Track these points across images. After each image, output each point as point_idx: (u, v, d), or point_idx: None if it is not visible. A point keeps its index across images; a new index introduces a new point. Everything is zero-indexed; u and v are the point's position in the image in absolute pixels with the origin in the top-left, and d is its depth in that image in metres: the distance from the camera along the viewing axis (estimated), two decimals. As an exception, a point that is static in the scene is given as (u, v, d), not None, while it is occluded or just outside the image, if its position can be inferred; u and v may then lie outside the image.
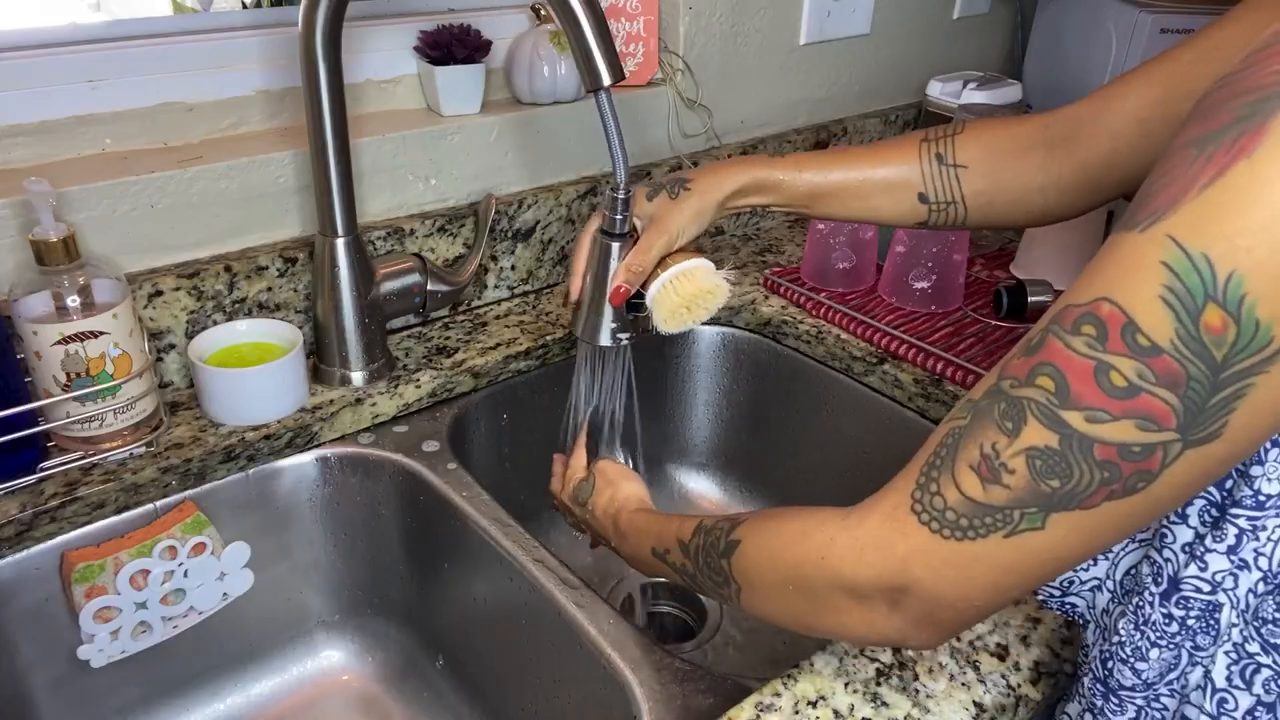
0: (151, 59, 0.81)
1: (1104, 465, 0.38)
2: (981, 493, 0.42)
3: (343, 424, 0.83)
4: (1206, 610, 0.47)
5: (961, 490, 0.42)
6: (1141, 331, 0.36)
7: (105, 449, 0.73)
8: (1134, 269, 0.37)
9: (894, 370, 0.92)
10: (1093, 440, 0.38)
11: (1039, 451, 0.40)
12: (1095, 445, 0.38)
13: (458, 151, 0.95)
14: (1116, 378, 0.37)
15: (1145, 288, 0.36)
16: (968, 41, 1.43)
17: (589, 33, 0.65)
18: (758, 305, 1.04)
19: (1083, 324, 0.38)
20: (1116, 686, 0.51)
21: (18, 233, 0.73)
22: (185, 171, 0.80)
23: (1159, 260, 0.36)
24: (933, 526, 0.43)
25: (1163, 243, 0.36)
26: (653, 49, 1.07)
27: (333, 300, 0.83)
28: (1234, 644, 0.47)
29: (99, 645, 0.72)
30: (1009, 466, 0.41)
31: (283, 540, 0.83)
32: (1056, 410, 0.39)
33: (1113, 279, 0.38)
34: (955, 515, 0.43)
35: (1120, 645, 0.51)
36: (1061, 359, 0.39)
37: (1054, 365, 0.39)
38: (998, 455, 0.41)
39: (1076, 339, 0.38)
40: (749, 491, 1.11)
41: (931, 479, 0.44)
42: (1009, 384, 0.41)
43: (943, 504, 0.43)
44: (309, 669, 0.88)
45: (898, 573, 0.45)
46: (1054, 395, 0.39)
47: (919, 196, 0.72)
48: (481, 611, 0.79)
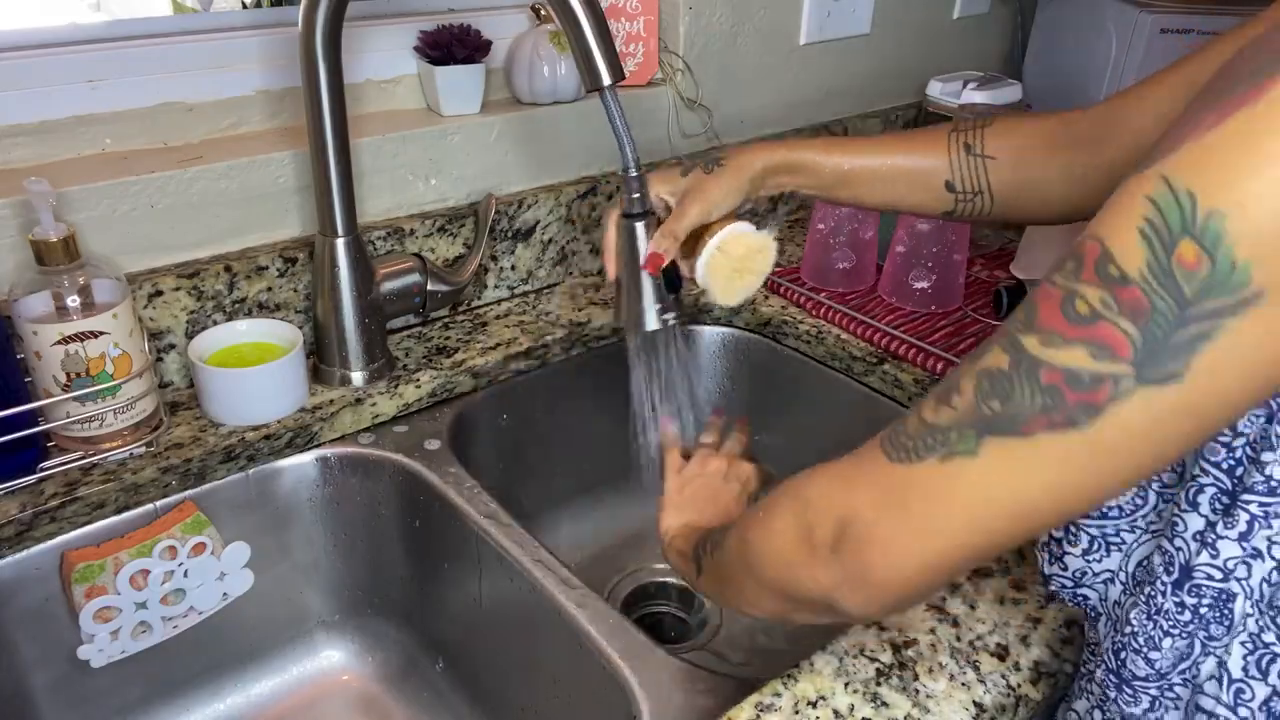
0: (151, 59, 0.81)
1: (1047, 390, 0.37)
2: (932, 413, 0.41)
3: (343, 424, 0.83)
4: (1219, 599, 0.47)
5: (920, 414, 0.42)
6: (1114, 262, 0.36)
7: (105, 449, 0.73)
8: (1121, 204, 0.37)
9: (894, 370, 0.92)
10: (1041, 363, 0.37)
11: (988, 372, 0.39)
12: (1042, 369, 0.37)
13: (458, 151, 0.95)
14: (1081, 305, 0.37)
15: (1126, 221, 0.36)
16: (968, 41, 1.43)
17: (589, 33, 0.65)
18: (758, 305, 1.04)
19: (1068, 259, 0.38)
20: (1130, 677, 0.51)
21: (18, 233, 0.73)
22: (185, 171, 0.80)
23: (1144, 195, 0.36)
24: (885, 449, 0.43)
25: (1153, 180, 0.36)
26: (653, 49, 1.07)
27: (333, 300, 0.83)
28: (1250, 634, 0.47)
29: (99, 645, 0.72)
30: (960, 388, 0.40)
31: (283, 540, 0.83)
32: (1017, 334, 0.39)
33: (1102, 218, 0.38)
34: (906, 438, 0.42)
35: (1133, 635, 0.51)
36: (1041, 292, 0.39)
37: (1033, 299, 0.39)
38: (954, 377, 0.41)
39: (1058, 274, 0.38)
40: (749, 491, 1.11)
41: (908, 416, 0.43)
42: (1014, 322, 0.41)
43: (902, 428, 0.43)
44: (309, 669, 0.88)
45: (845, 503, 0.44)
46: (1021, 322, 0.39)
47: (946, 185, 0.72)
48: (481, 611, 0.79)
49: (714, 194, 0.73)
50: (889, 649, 0.61)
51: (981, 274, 1.08)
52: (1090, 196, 0.68)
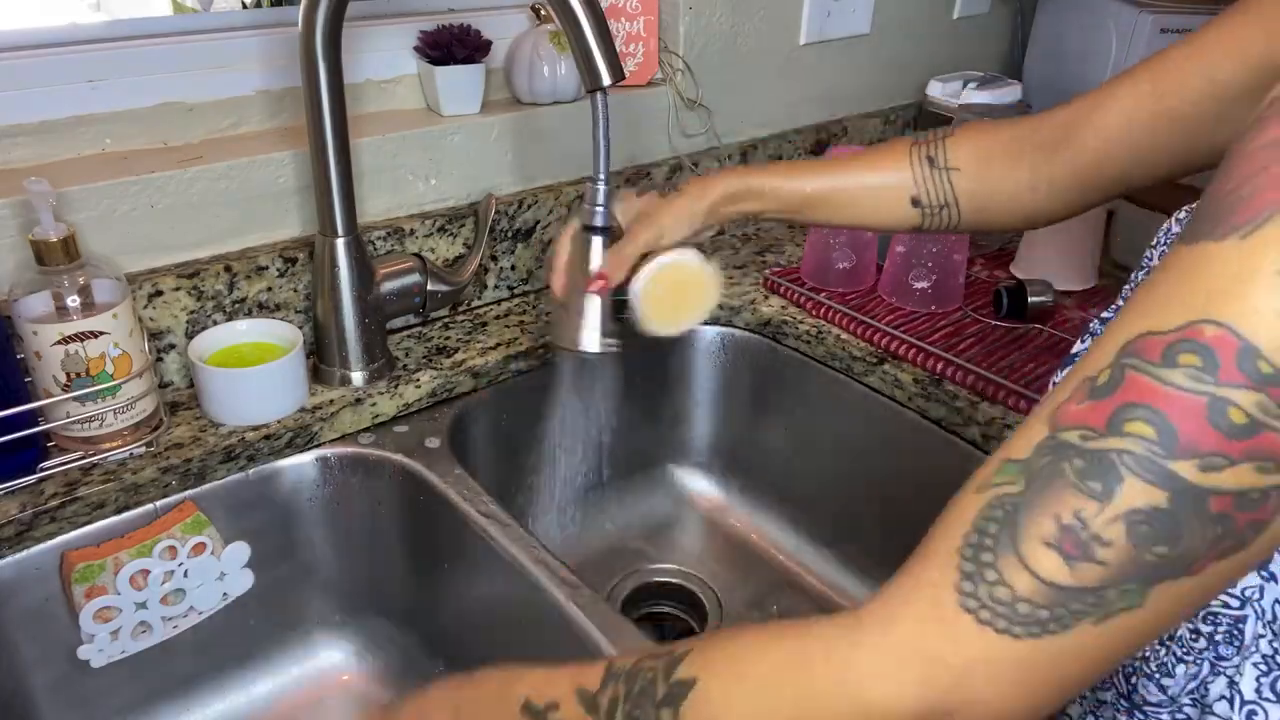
0: (151, 59, 0.81)
1: (1219, 520, 0.32)
2: (1067, 574, 0.33)
3: (343, 424, 0.83)
4: (1234, 623, 0.46)
5: (1037, 574, 0.34)
6: (1263, 357, 0.31)
7: (105, 449, 0.73)
8: (1240, 284, 0.32)
9: (894, 370, 0.92)
10: (1208, 491, 0.32)
11: (1143, 514, 0.33)
12: (1211, 498, 0.32)
13: (458, 151, 0.95)
14: (1236, 414, 0.31)
15: (1262, 305, 0.31)
16: (968, 41, 1.43)
17: (589, 33, 0.65)
18: (758, 305, 1.04)
19: (1179, 353, 0.32)
20: (1141, 702, 0.50)
21: (18, 233, 0.73)
22: (185, 171, 0.80)
23: (1274, 271, 0.31)
24: (998, 625, 0.34)
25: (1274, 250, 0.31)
26: (653, 49, 1.07)
27: (333, 300, 0.83)
28: (1263, 655, 0.46)
29: (99, 645, 0.72)
30: (1103, 538, 0.33)
31: (283, 540, 0.83)
32: (1162, 462, 0.32)
33: (1209, 298, 0.32)
34: (1031, 607, 0.34)
35: (1145, 661, 0.49)
36: (1159, 398, 0.32)
37: (1149, 407, 0.33)
38: (1086, 525, 0.33)
39: (1174, 372, 0.32)
40: (749, 491, 1.11)
41: (984, 564, 0.34)
42: (1079, 435, 0.34)
43: (1010, 595, 0.34)
44: (309, 669, 0.88)
45: (952, 690, 0.35)
46: (1156, 444, 0.32)
47: (911, 201, 0.72)
48: (481, 611, 0.79)
49: (665, 219, 0.72)
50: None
51: (981, 274, 1.08)
52: (1058, 201, 0.68)
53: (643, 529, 1.08)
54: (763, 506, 1.09)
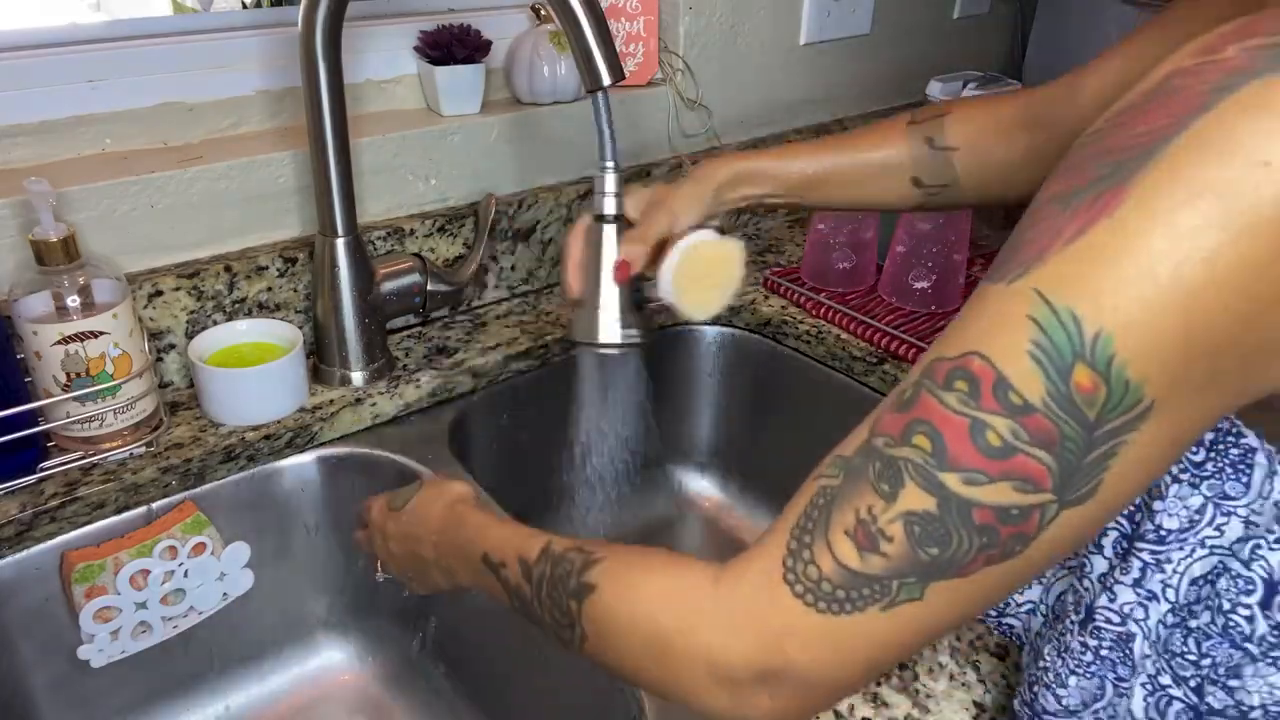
0: (151, 59, 0.81)
1: (983, 530, 0.36)
2: (859, 561, 0.38)
3: (343, 424, 0.83)
4: (1120, 641, 0.47)
5: (837, 559, 0.39)
6: (1013, 389, 0.35)
7: (105, 449, 0.73)
8: (1002, 323, 0.36)
9: (894, 370, 0.92)
10: (971, 504, 0.36)
11: (918, 516, 0.37)
12: (974, 509, 0.36)
13: (458, 151, 0.95)
14: (992, 437, 0.36)
15: (1014, 343, 0.35)
16: (968, 41, 1.43)
17: (589, 33, 0.65)
18: (758, 305, 1.04)
19: (955, 379, 0.37)
20: (1041, 711, 0.52)
21: (18, 233, 0.73)
22: (185, 171, 0.80)
23: (1025, 314, 0.35)
24: (807, 599, 0.39)
25: (1029, 296, 0.35)
26: (653, 49, 1.07)
27: (333, 300, 0.83)
28: (1148, 676, 0.48)
29: (99, 645, 0.72)
30: (887, 533, 0.38)
31: (283, 540, 0.83)
32: (934, 472, 0.37)
33: (982, 332, 0.37)
34: (831, 587, 0.39)
35: (1044, 670, 0.51)
36: (937, 416, 0.37)
37: (930, 423, 0.37)
38: (875, 520, 0.38)
39: (950, 395, 0.37)
40: (749, 491, 1.11)
41: (804, 545, 0.40)
42: (883, 441, 0.39)
43: (817, 574, 0.39)
44: (309, 669, 0.88)
45: (772, 653, 0.40)
46: (931, 455, 0.37)
47: (913, 181, 0.72)
48: (482, 611, 0.79)
49: (677, 203, 0.72)
50: (889, 649, 0.61)
51: (981, 274, 1.08)
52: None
53: (643, 529, 1.08)
54: (763, 506, 1.09)
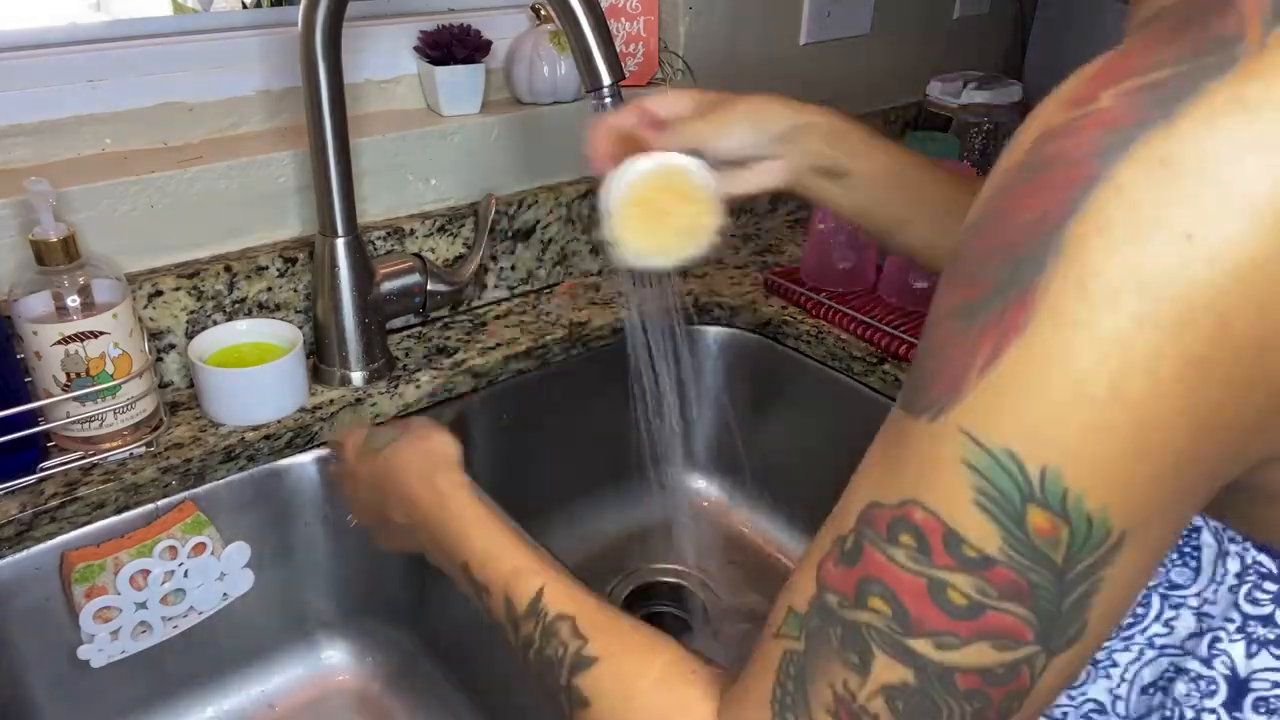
0: (151, 59, 0.81)
1: (970, 695, 0.33)
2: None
3: (343, 424, 0.83)
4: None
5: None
6: (966, 542, 0.32)
7: (105, 449, 0.73)
8: (936, 468, 0.33)
9: (894, 370, 0.92)
10: (951, 669, 0.33)
11: (897, 690, 0.34)
12: (956, 674, 0.33)
13: (458, 151, 0.95)
14: (955, 596, 0.32)
15: (954, 491, 0.32)
16: (968, 41, 1.43)
17: (589, 33, 0.65)
18: (758, 305, 1.04)
19: (899, 532, 0.34)
20: None
21: (18, 233, 0.73)
22: (185, 171, 0.80)
23: (959, 459, 0.32)
24: None
25: (957, 438, 0.32)
26: (653, 49, 1.07)
27: (333, 300, 0.83)
28: None
29: (99, 645, 0.72)
30: (869, 710, 0.35)
31: (283, 540, 0.83)
32: (901, 639, 0.33)
33: (916, 478, 0.33)
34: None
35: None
36: (889, 576, 0.34)
37: (881, 582, 0.34)
38: (854, 698, 0.35)
39: (897, 550, 0.33)
40: (749, 491, 1.11)
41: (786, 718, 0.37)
42: (837, 601, 0.35)
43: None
44: (309, 669, 0.88)
45: None
46: (893, 620, 0.34)
47: None
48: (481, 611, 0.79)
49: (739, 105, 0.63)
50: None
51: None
52: None
53: (643, 529, 1.08)
54: (763, 506, 1.09)
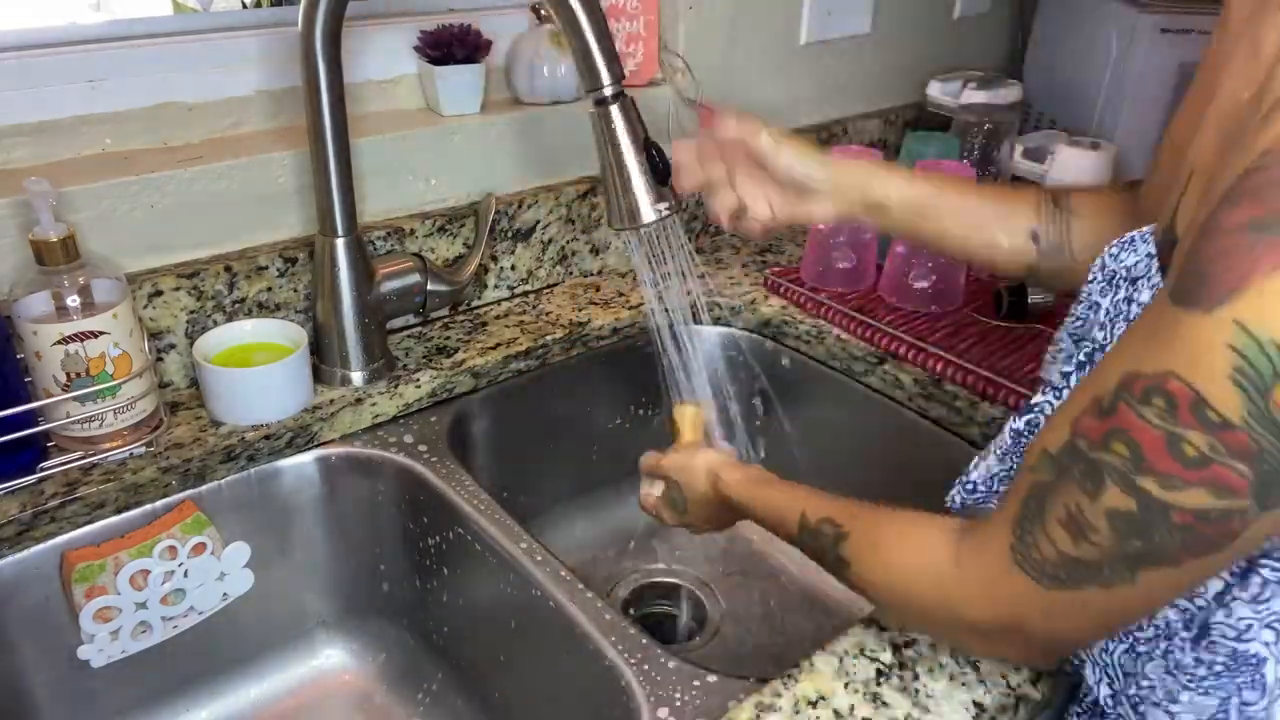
0: (151, 59, 0.81)
1: (1183, 529, 0.41)
2: (1073, 547, 0.45)
3: (343, 424, 0.83)
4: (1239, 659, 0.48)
5: (1055, 545, 0.46)
6: (1212, 408, 0.39)
7: (105, 449, 0.73)
8: (1202, 350, 0.39)
9: (894, 370, 0.92)
10: (1169, 506, 0.41)
11: (1119, 514, 0.43)
12: (1173, 511, 0.41)
13: (458, 151, 0.95)
14: (1189, 449, 0.40)
15: (1215, 368, 0.39)
16: (968, 41, 1.43)
17: (588, 34, 0.65)
18: (758, 305, 1.04)
19: (1152, 396, 0.41)
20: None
21: (18, 233, 0.73)
22: (185, 171, 0.80)
23: (1227, 344, 0.38)
24: (1034, 576, 0.47)
25: (1229, 327, 0.38)
26: (653, 49, 1.07)
27: (333, 300, 0.83)
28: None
29: (99, 645, 0.72)
30: (1094, 525, 0.44)
31: (283, 540, 0.83)
32: (1133, 476, 0.42)
33: (1179, 358, 0.40)
34: (1053, 568, 0.46)
35: (1150, 689, 0.53)
36: (1135, 428, 0.42)
37: (1127, 433, 0.42)
38: (1082, 513, 0.44)
39: (1147, 409, 0.41)
40: (749, 491, 1.11)
41: (1027, 532, 0.47)
42: (1085, 444, 0.44)
43: (1040, 557, 0.47)
44: (309, 669, 0.88)
45: (1011, 616, 0.49)
46: (1129, 461, 0.42)
47: (1031, 235, 0.71)
48: (481, 611, 0.79)
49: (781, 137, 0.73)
50: (889, 649, 0.61)
51: (981, 274, 1.08)
52: None
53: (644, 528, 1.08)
54: (763, 506, 1.09)
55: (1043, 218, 0.71)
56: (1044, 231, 0.71)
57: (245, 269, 0.83)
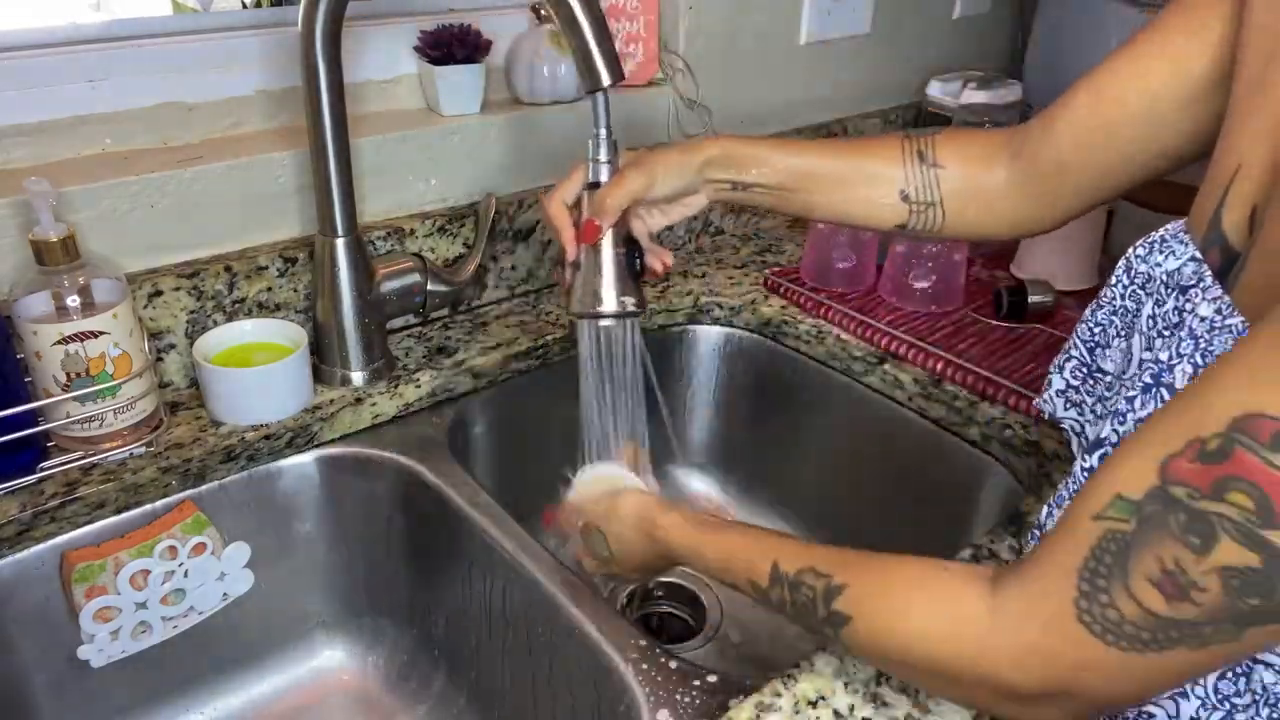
0: (151, 59, 0.81)
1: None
2: (1166, 608, 0.39)
3: (343, 424, 0.83)
4: None
5: (1141, 604, 0.40)
6: None
7: (105, 449, 0.73)
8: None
9: (894, 370, 0.92)
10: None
11: (1237, 571, 0.38)
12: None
13: (458, 151, 0.95)
14: None
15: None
16: (968, 41, 1.43)
17: (588, 34, 0.65)
18: (758, 305, 1.04)
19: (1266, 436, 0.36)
20: None
21: (18, 233, 0.73)
22: (185, 171, 0.80)
23: None
24: (1108, 639, 0.41)
25: None
26: (653, 49, 1.07)
27: (333, 300, 0.83)
28: None
29: (99, 645, 0.72)
30: (1200, 584, 0.38)
31: (283, 540, 0.83)
32: (1258, 530, 0.37)
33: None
34: (1135, 629, 0.40)
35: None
36: (1262, 477, 0.37)
37: (1251, 482, 0.37)
38: (1185, 572, 0.39)
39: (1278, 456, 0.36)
40: (749, 491, 1.11)
41: (1099, 589, 0.41)
42: (1186, 493, 0.39)
43: (1118, 617, 0.41)
44: (309, 669, 0.88)
45: (1067, 680, 0.43)
46: (1253, 514, 0.37)
47: (901, 195, 0.71)
48: (481, 611, 0.79)
49: (658, 167, 0.70)
50: (889, 649, 0.61)
51: (981, 274, 1.08)
52: (1031, 209, 0.69)
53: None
54: (763, 506, 1.09)
55: (910, 176, 0.71)
56: (913, 191, 0.71)
57: (245, 269, 0.83)
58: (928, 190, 0.71)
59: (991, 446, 0.85)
